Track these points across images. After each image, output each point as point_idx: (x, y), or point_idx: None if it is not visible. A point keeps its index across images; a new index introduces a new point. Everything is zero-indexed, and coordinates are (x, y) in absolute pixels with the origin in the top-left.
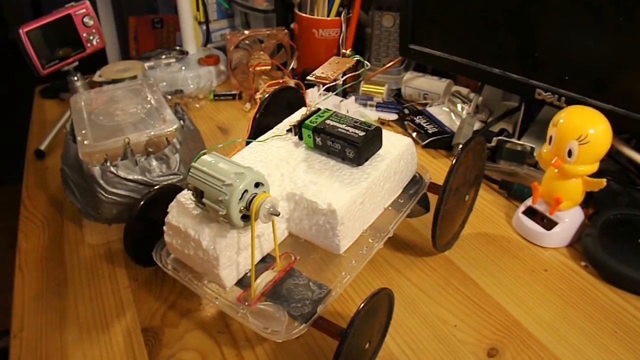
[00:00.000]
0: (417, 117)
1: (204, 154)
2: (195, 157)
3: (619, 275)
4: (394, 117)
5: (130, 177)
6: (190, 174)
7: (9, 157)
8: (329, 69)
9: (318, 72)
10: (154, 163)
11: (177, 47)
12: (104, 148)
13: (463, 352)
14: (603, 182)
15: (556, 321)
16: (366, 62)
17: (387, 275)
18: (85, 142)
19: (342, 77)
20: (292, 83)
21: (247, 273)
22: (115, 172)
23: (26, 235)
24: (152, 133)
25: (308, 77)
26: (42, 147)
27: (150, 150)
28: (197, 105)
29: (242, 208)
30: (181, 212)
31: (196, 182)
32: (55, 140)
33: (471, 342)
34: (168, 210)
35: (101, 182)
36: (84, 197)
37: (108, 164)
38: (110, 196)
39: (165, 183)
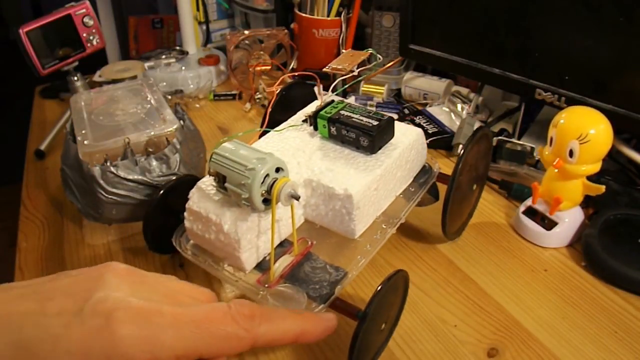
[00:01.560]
0: (417, 117)
1: (224, 142)
2: (217, 144)
3: (619, 275)
4: (394, 117)
5: (130, 177)
6: (212, 160)
7: (9, 157)
8: (344, 61)
9: (334, 64)
10: (154, 163)
11: (177, 47)
12: (104, 148)
13: (463, 352)
14: (602, 188)
15: (556, 321)
16: (378, 55)
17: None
18: (85, 142)
19: (356, 68)
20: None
21: (266, 257)
22: (115, 172)
23: (26, 235)
24: (152, 133)
25: (324, 69)
26: (42, 147)
27: (150, 150)
28: (197, 105)
29: (263, 192)
30: (202, 197)
31: (218, 167)
32: (55, 140)
33: (471, 342)
34: (189, 196)
35: (101, 182)
36: (84, 197)
37: (108, 164)
38: (110, 196)
39: (183, 174)
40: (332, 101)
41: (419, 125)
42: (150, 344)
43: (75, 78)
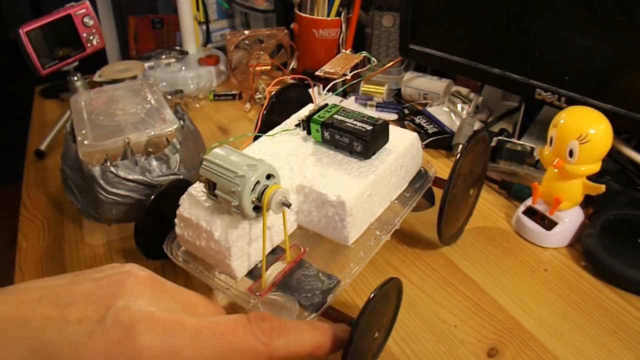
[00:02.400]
0: (417, 117)
1: (216, 147)
2: (207, 150)
3: (619, 275)
4: (394, 117)
5: (130, 177)
6: (202, 166)
7: (9, 157)
8: (337, 65)
9: (327, 67)
10: (154, 163)
11: (177, 47)
12: (104, 148)
13: (463, 352)
14: (602, 187)
15: (556, 321)
16: (373, 58)
17: (387, 275)
18: (85, 142)
19: (349, 72)
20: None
21: (257, 264)
22: (115, 172)
23: (26, 235)
24: (152, 133)
25: (317, 73)
26: (42, 147)
27: (150, 150)
28: (197, 105)
29: (254, 199)
30: (193, 204)
31: (208, 174)
32: (55, 140)
33: (471, 342)
34: (179, 202)
35: (101, 182)
36: (84, 197)
37: (108, 164)
38: (110, 196)
39: (175, 178)
40: (326, 105)
41: (419, 125)
42: (172, 355)
43: (75, 78)
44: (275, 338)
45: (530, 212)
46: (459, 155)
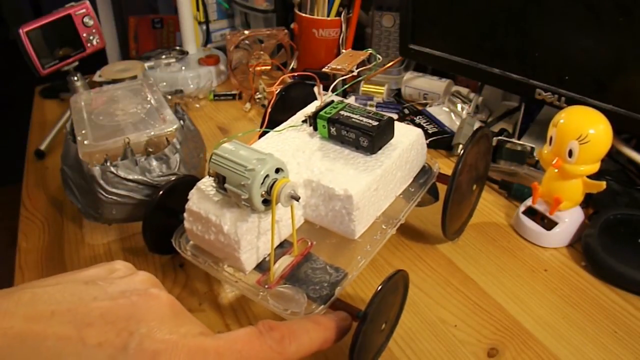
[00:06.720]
0: (417, 117)
1: (225, 142)
2: (215, 145)
3: (619, 275)
4: (394, 117)
5: (130, 177)
6: (212, 160)
7: (9, 157)
8: (343, 62)
9: (333, 64)
10: (154, 163)
11: (177, 47)
12: (104, 148)
13: (463, 352)
14: (603, 184)
15: (556, 321)
16: (378, 55)
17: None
18: (85, 142)
19: (356, 69)
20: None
21: (265, 257)
22: (115, 172)
23: (26, 235)
24: (152, 133)
25: (324, 69)
26: (42, 147)
27: (150, 150)
28: (197, 105)
29: (263, 192)
30: (202, 198)
31: (218, 168)
32: (55, 140)
33: (471, 342)
34: (189, 197)
35: (101, 182)
36: (84, 197)
37: (108, 164)
38: (110, 196)
39: (184, 174)
40: (332, 101)
41: (419, 125)
42: None
43: (75, 78)
44: (287, 345)
45: (530, 212)
46: (466, 145)
